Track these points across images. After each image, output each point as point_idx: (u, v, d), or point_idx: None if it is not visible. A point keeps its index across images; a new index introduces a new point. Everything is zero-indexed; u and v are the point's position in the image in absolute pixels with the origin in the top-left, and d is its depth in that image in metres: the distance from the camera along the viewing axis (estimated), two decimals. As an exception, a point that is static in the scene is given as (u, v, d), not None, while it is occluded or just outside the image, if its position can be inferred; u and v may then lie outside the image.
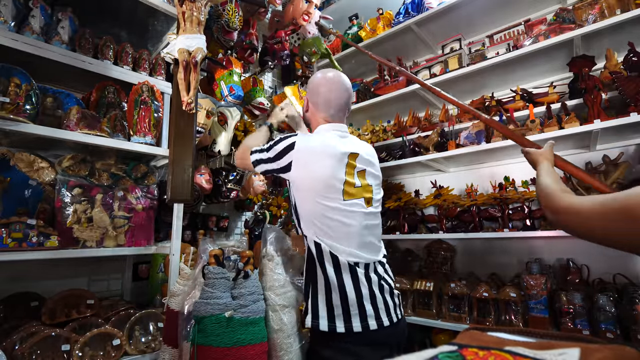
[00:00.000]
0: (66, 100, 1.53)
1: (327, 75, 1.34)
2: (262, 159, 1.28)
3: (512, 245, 2.17)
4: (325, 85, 1.32)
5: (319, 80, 1.34)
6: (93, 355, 1.30)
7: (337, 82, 1.33)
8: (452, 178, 2.51)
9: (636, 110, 1.56)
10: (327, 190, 1.16)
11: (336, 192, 1.17)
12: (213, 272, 1.29)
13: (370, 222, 1.24)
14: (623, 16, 1.62)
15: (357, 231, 1.18)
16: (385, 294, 1.19)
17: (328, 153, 1.20)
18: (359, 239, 1.18)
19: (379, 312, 1.14)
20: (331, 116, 1.32)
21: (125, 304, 1.56)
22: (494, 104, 2.15)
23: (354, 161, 1.24)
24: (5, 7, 1.33)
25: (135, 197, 1.60)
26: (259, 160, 1.29)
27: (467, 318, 1.87)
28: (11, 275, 1.51)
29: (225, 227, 2.16)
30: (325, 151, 1.20)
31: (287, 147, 1.21)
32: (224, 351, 1.19)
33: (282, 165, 1.22)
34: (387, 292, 1.20)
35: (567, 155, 2.08)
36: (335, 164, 1.18)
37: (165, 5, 1.66)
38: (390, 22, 2.53)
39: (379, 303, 1.15)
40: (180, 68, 1.50)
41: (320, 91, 1.32)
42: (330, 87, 1.32)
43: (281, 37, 2.29)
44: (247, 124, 2.24)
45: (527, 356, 0.34)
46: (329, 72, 1.35)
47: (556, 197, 0.83)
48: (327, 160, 1.18)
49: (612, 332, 1.50)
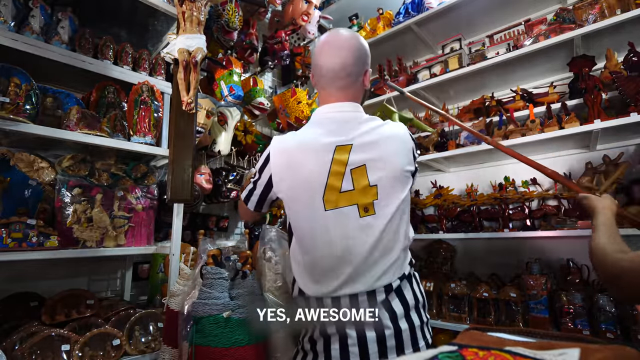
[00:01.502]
0: (66, 100, 1.53)
1: (323, 37, 1.06)
2: (248, 190, 1.12)
3: (512, 245, 2.17)
4: (319, 46, 1.04)
5: (319, 42, 1.06)
6: (93, 355, 1.30)
7: (329, 42, 1.02)
8: (452, 178, 2.51)
9: (636, 110, 1.56)
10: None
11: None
12: (211, 272, 1.29)
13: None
14: (623, 16, 1.62)
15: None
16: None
17: (306, 149, 0.98)
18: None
19: None
20: (327, 86, 1.03)
21: (125, 304, 1.56)
22: (494, 104, 2.15)
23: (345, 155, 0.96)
24: (5, 7, 1.33)
25: (135, 197, 1.60)
26: (247, 195, 1.12)
27: (467, 318, 1.87)
28: (11, 275, 1.51)
29: (225, 227, 2.16)
30: (302, 148, 0.99)
31: (265, 159, 1.04)
32: (222, 351, 1.18)
33: (264, 184, 1.04)
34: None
35: (567, 155, 2.08)
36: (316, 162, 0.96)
37: (165, 5, 1.66)
38: (390, 22, 2.53)
39: None
40: (180, 68, 1.50)
41: (314, 56, 1.06)
42: (321, 48, 1.03)
43: (281, 37, 2.29)
44: (247, 124, 2.24)
45: (527, 356, 0.34)
46: (327, 33, 1.07)
47: (609, 262, 0.76)
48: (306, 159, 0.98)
49: (612, 332, 1.50)
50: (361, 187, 0.95)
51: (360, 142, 0.97)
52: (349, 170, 0.95)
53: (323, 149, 0.96)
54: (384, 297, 0.93)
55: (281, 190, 1.01)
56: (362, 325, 0.90)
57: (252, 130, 2.26)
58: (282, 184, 1.00)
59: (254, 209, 1.13)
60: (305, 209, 0.96)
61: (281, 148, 1.01)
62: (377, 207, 0.94)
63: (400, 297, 0.96)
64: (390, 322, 0.92)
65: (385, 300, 0.93)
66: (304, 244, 0.99)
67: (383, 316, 0.92)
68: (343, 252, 0.93)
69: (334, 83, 1.02)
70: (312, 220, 0.95)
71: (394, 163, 0.97)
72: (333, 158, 0.95)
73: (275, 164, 1.00)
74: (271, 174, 1.01)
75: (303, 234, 0.99)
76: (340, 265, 0.93)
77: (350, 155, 0.95)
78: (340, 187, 0.94)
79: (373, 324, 0.90)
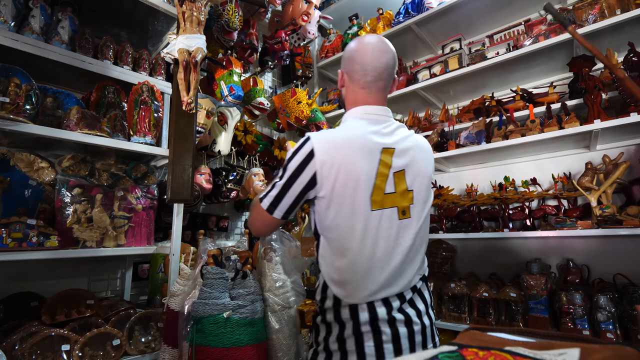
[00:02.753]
0: (66, 100, 1.53)
1: (364, 38, 1.08)
2: (274, 195, 1.00)
3: (512, 245, 2.17)
4: (361, 46, 1.06)
5: (354, 44, 1.08)
6: (93, 355, 1.30)
7: (373, 44, 1.05)
8: (452, 178, 2.51)
9: (636, 110, 1.56)
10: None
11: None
12: (211, 272, 1.29)
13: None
14: (623, 16, 1.62)
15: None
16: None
17: (356, 147, 0.97)
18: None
19: None
20: (367, 86, 1.04)
21: (125, 304, 1.56)
22: (494, 104, 2.15)
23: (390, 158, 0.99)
24: (5, 7, 1.33)
25: (135, 197, 1.60)
26: (273, 202, 1.00)
27: (467, 318, 1.87)
28: (11, 275, 1.51)
29: (225, 227, 2.16)
30: (351, 145, 0.97)
31: (307, 155, 0.96)
32: (222, 352, 1.19)
33: (304, 182, 0.96)
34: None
35: (567, 155, 2.08)
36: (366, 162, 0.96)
37: (165, 5, 1.66)
38: (390, 22, 2.53)
39: None
40: (180, 68, 1.50)
41: (355, 56, 1.06)
42: (365, 48, 1.05)
43: (281, 37, 2.29)
44: (247, 124, 2.24)
45: (527, 356, 0.34)
46: (367, 36, 1.09)
47: None
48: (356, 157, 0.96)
49: (612, 332, 1.50)
50: (401, 190, 0.98)
51: (401, 147, 1.01)
52: (392, 173, 0.98)
53: (372, 148, 0.97)
54: (411, 295, 1.00)
55: (324, 188, 0.95)
56: (394, 321, 0.94)
57: (252, 130, 2.26)
58: (328, 181, 0.95)
59: (282, 216, 1.01)
60: (349, 208, 0.94)
61: (328, 143, 0.96)
62: (413, 211, 0.99)
63: (421, 296, 1.03)
64: (417, 318, 0.97)
65: (411, 299, 1.00)
66: (342, 244, 0.96)
67: (411, 313, 0.97)
68: (384, 254, 0.95)
69: (376, 83, 1.04)
70: (356, 219, 0.94)
71: (424, 171, 1.04)
72: (380, 159, 0.97)
73: (322, 160, 0.94)
74: (316, 171, 0.95)
75: (342, 234, 0.96)
76: (380, 266, 0.95)
77: (394, 159, 0.99)
78: (385, 189, 0.96)
79: (404, 321, 0.95)
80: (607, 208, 1.66)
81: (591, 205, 1.73)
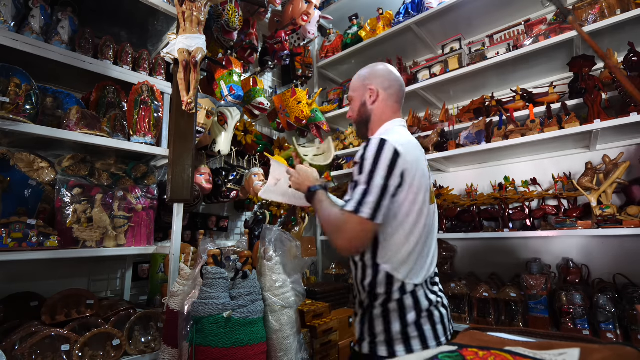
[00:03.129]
0: (66, 100, 1.53)
1: (389, 66, 1.25)
2: (374, 201, 0.96)
3: (512, 245, 2.17)
4: (394, 72, 1.23)
5: (386, 67, 1.23)
6: (93, 355, 1.30)
7: (398, 73, 1.25)
8: (452, 178, 2.51)
9: (636, 110, 1.56)
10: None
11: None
12: (211, 272, 1.29)
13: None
14: (623, 16, 1.62)
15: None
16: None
17: (415, 147, 1.12)
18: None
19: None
20: (397, 103, 1.22)
21: (125, 304, 1.56)
22: (494, 104, 2.15)
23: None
24: (5, 7, 1.33)
25: (135, 197, 1.60)
26: (375, 207, 0.96)
27: (467, 318, 1.87)
28: (11, 275, 1.51)
29: (225, 227, 2.16)
30: (413, 145, 1.11)
31: (392, 155, 0.99)
32: (222, 352, 1.19)
33: (396, 182, 0.99)
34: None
35: (567, 155, 2.08)
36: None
37: (165, 5, 1.66)
38: (390, 22, 2.53)
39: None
40: (180, 68, 1.50)
41: (392, 78, 1.21)
42: (398, 75, 1.23)
43: (281, 37, 2.29)
44: (247, 124, 2.24)
45: (527, 356, 0.34)
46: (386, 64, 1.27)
47: None
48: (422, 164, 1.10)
49: (612, 332, 1.50)
50: (431, 189, 1.16)
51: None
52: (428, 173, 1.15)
53: (421, 150, 1.15)
54: (438, 280, 1.15)
55: (407, 183, 1.01)
56: (439, 305, 1.07)
57: (252, 130, 2.26)
58: (409, 176, 1.01)
59: (381, 219, 0.97)
60: (418, 202, 1.04)
61: (403, 145, 1.02)
62: (433, 207, 1.16)
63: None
64: (447, 302, 1.14)
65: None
66: (411, 235, 1.04)
67: (444, 297, 1.12)
68: (434, 242, 1.13)
69: (402, 101, 1.24)
70: (421, 213, 1.05)
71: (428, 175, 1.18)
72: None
73: (405, 159, 1.01)
74: (404, 170, 1.00)
75: (411, 227, 1.03)
76: (432, 252, 1.11)
77: (425, 161, 1.16)
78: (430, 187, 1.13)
79: (442, 304, 1.09)
80: (607, 208, 1.66)
81: (591, 205, 1.73)
